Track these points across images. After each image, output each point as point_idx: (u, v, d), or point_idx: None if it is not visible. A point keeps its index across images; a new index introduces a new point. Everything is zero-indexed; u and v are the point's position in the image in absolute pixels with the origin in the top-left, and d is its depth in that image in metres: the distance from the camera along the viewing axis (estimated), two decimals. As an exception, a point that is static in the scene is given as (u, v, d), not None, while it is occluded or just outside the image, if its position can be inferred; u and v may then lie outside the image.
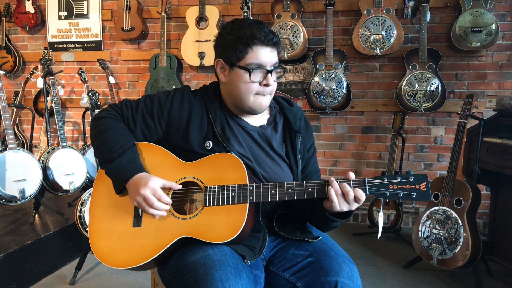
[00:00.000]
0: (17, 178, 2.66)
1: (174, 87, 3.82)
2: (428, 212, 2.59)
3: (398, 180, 1.24)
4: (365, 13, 3.46)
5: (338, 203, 1.22)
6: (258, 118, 1.48)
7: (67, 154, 3.10)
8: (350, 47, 3.62)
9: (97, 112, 2.88)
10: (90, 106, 2.96)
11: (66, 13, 4.20)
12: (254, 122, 1.46)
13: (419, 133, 3.62)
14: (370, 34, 3.43)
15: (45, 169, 2.92)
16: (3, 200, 2.61)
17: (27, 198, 2.70)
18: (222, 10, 3.83)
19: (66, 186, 3.02)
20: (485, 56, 3.45)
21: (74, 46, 4.23)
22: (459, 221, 2.44)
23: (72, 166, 3.09)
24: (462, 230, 2.42)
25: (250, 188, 1.28)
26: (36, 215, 3.07)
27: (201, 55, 3.75)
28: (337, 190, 1.22)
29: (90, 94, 2.98)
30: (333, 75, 3.52)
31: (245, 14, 3.58)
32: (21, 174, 2.68)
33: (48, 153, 3.02)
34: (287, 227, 1.40)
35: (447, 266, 2.48)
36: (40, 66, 3.81)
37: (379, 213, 1.99)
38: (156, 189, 1.28)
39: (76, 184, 3.08)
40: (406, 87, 3.42)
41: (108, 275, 2.66)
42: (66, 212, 3.10)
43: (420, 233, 2.61)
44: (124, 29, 3.96)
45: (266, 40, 1.33)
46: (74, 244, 2.90)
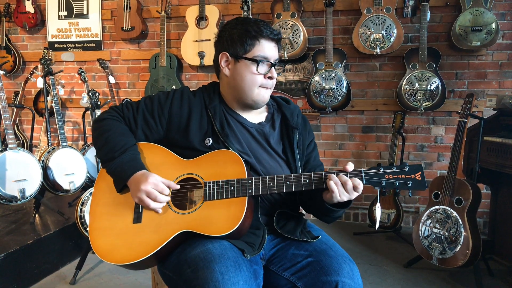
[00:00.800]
0: (17, 178, 2.66)
1: (173, 87, 3.82)
2: (428, 211, 2.59)
3: (394, 170, 1.26)
4: (365, 12, 3.46)
5: (339, 193, 1.25)
6: (257, 115, 1.51)
7: (67, 154, 3.10)
8: (350, 47, 3.62)
9: (98, 113, 2.91)
10: (90, 106, 2.97)
11: (66, 12, 4.20)
12: (252, 119, 1.49)
13: (419, 132, 3.62)
14: (370, 33, 3.43)
15: (45, 169, 2.93)
16: (4, 200, 2.61)
17: (28, 198, 2.71)
18: (222, 10, 3.83)
19: (66, 186, 3.02)
20: (485, 55, 3.45)
21: (74, 46, 4.23)
22: (460, 220, 2.44)
23: (72, 166, 3.09)
24: (463, 229, 2.42)
25: (249, 181, 1.30)
26: (36, 215, 3.07)
27: (201, 55, 3.75)
28: (336, 181, 1.26)
29: (90, 93, 2.98)
30: (333, 75, 3.52)
31: (245, 13, 3.58)
32: (21, 174, 2.68)
33: (48, 153, 3.02)
34: (287, 227, 1.41)
35: (448, 265, 2.48)
36: (40, 66, 3.81)
37: (377, 205, 2.03)
38: (157, 183, 1.30)
39: (76, 184, 3.08)
40: (406, 86, 3.42)
41: (108, 275, 2.66)
42: (66, 212, 3.10)
43: (420, 232, 2.61)
44: (124, 28, 3.96)
45: (272, 34, 1.41)
46: (74, 244, 2.90)
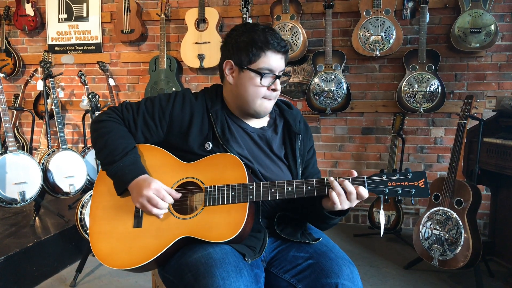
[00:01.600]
0: (17, 181, 2.66)
1: (174, 90, 3.82)
2: (428, 213, 2.59)
3: (397, 177, 1.25)
4: (364, 14, 3.47)
5: (340, 203, 1.23)
6: (259, 120, 1.49)
7: (67, 156, 3.10)
8: (349, 48, 3.62)
9: (97, 114, 2.91)
10: (90, 108, 2.97)
11: (65, 15, 4.20)
12: (254, 124, 1.48)
13: (419, 134, 3.62)
14: (369, 35, 3.43)
15: (45, 171, 2.93)
16: (4, 202, 2.61)
17: (28, 200, 2.71)
18: (221, 12, 3.83)
19: (66, 189, 3.02)
20: (484, 56, 3.45)
21: (74, 48, 4.23)
22: (460, 221, 2.44)
23: (72, 169, 3.09)
24: (463, 231, 2.42)
25: (250, 187, 1.28)
26: (36, 218, 3.07)
27: (200, 57, 3.76)
28: (339, 191, 1.23)
29: (90, 96, 2.99)
30: (332, 76, 3.52)
31: (244, 16, 3.58)
32: (21, 177, 2.68)
33: (48, 155, 3.02)
34: (288, 229, 1.40)
35: (448, 266, 2.48)
36: (40, 69, 3.81)
37: (380, 211, 2.02)
38: (159, 189, 1.29)
39: (76, 186, 3.08)
40: (406, 88, 3.42)
41: (108, 277, 2.65)
42: (66, 214, 3.10)
43: (420, 234, 2.61)
44: (123, 31, 3.97)
45: (279, 47, 1.37)
46: (74, 246, 2.90)
